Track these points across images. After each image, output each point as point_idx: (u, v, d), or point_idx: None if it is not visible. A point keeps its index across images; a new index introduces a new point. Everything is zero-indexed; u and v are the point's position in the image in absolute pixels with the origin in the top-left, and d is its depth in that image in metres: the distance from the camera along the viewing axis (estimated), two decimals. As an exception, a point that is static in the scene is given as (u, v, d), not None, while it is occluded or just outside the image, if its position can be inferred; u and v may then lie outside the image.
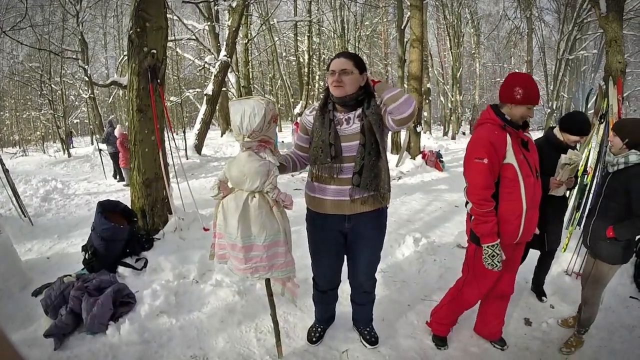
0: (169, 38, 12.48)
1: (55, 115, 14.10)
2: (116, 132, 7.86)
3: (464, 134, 19.30)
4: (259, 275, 1.92)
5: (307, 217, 2.03)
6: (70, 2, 11.60)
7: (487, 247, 1.86)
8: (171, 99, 17.25)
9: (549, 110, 15.83)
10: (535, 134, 17.72)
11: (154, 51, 3.51)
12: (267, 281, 2.02)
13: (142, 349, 2.25)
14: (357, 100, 1.77)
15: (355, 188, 1.79)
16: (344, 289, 2.34)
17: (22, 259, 3.56)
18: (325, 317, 2.33)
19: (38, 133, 15.71)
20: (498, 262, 1.85)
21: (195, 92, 18.10)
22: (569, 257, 3.15)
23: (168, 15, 12.32)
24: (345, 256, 2.08)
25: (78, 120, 20.26)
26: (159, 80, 3.60)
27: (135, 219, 3.53)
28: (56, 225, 4.92)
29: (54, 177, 8.64)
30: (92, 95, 14.53)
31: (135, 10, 3.48)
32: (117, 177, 8.33)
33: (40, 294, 2.85)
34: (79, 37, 12.37)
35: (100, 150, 9.20)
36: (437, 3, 18.13)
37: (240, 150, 1.83)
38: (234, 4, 10.59)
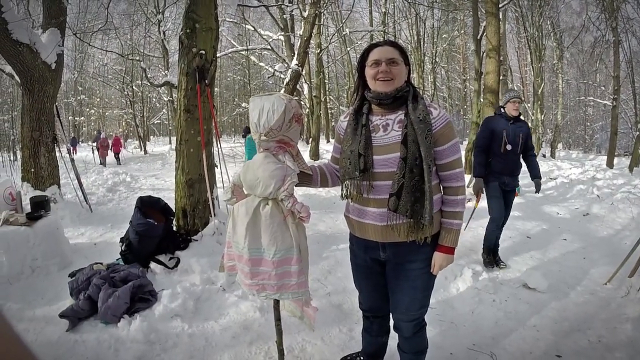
0: (246, 46, 12.95)
1: (135, 115, 15.52)
2: (102, 136, 14.13)
3: (544, 156, 17.15)
4: (265, 295, 1.65)
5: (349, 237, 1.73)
6: (152, 12, 12.77)
7: None
8: (242, 105, 18.03)
9: (638, 132, 13.24)
10: (622, 160, 15.27)
11: (203, 52, 3.48)
12: (276, 303, 1.75)
13: (145, 350, 2.13)
14: (400, 96, 1.43)
15: (391, 213, 1.42)
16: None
17: (70, 242, 3.73)
18: (369, 351, 1.92)
19: (120, 130, 17.45)
20: None
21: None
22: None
23: (247, 27, 13.01)
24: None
25: (160, 121, 22.15)
26: (207, 81, 3.55)
27: (172, 218, 3.50)
28: (113, 215, 5.19)
29: (126, 170, 9.36)
30: (171, 99, 15.75)
31: (186, 12, 3.49)
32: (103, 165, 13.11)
33: (74, 276, 2.90)
34: (161, 44, 13.56)
35: (93, 148, 14.84)
36: (516, 15, 16.65)
37: (258, 151, 1.62)
38: (305, 14, 10.69)
